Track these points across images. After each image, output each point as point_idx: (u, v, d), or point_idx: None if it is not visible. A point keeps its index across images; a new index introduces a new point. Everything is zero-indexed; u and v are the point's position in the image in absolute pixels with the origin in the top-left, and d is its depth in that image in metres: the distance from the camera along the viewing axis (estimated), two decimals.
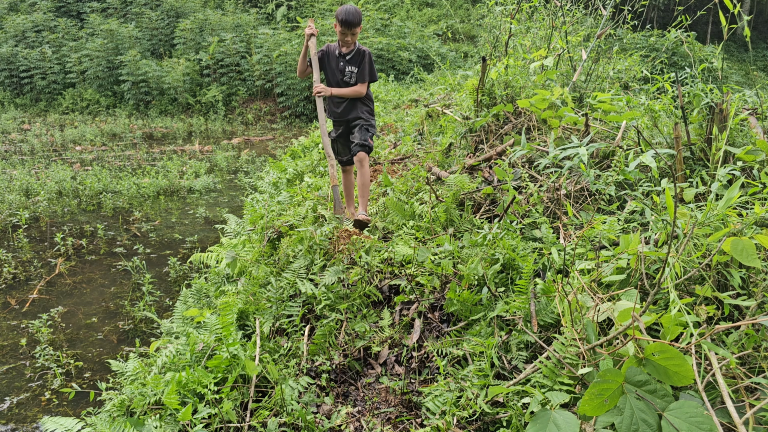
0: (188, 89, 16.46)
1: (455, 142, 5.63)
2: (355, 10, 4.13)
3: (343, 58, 4.33)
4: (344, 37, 4.21)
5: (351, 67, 4.32)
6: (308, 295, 3.54)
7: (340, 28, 4.17)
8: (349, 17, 4.11)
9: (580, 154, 3.06)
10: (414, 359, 3.05)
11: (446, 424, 2.39)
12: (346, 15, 4.10)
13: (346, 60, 4.33)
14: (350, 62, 4.32)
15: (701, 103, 3.86)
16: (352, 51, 4.32)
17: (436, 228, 4.13)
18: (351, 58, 4.31)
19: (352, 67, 4.33)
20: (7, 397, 3.79)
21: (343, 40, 4.24)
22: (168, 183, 8.85)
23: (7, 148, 11.97)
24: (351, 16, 4.11)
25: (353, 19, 4.13)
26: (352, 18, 4.12)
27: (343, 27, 4.14)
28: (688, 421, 1.67)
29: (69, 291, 5.34)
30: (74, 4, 20.05)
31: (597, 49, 5.93)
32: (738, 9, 3.74)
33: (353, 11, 4.12)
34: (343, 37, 4.22)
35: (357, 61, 4.34)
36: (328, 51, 4.38)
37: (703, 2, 12.58)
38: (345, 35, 4.20)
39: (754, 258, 2.06)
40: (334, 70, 4.37)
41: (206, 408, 2.56)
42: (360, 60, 4.32)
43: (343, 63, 4.34)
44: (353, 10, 4.12)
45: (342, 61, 4.33)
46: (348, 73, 4.34)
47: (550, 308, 2.76)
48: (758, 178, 3.09)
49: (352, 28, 4.15)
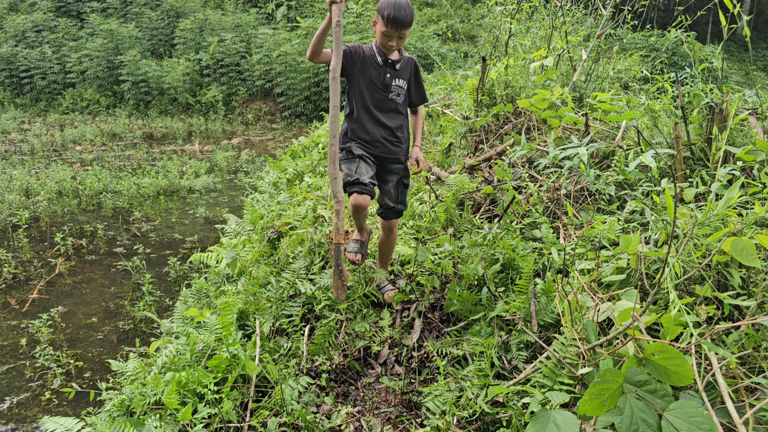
0: (188, 89, 16.46)
1: (455, 142, 5.63)
2: (407, 5, 2.90)
3: (391, 68, 3.08)
4: (388, 41, 2.96)
5: (400, 81, 3.11)
6: (308, 296, 3.55)
7: (386, 28, 2.90)
8: (400, 14, 2.86)
9: (580, 154, 3.06)
10: (414, 359, 3.05)
11: (446, 424, 2.39)
12: (396, 11, 2.85)
13: (395, 70, 3.09)
14: (399, 74, 3.11)
15: (701, 103, 3.86)
16: (401, 60, 3.12)
17: (436, 228, 4.13)
18: (401, 69, 3.11)
19: (401, 81, 3.12)
20: (7, 397, 3.79)
21: (386, 45, 2.98)
22: (168, 183, 8.85)
23: (7, 148, 11.97)
24: (403, 12, 2.86)
25: (405, 17, 2.88)
26: (404, 15, 2.87)
27: (389, 27, 2.88)
28: (688, 421, 1.67)
29: (69, 291, 5.34)
30: (74, 4, 20.05)
31: (597, 49, 5.93)
32: (738, 9, 3.74)
33: (405, 5, 2.88)
34: (387, 41, 2.96)
35: (407, 73, 3.14)
36: (363, 53, 3.08)
37: (703, 2, 12.58)
38: (390, 38, 2.95)
39: (754, 258, 2.06)
40: (374, 83, 3.07)
41: (206, 408, 2.56)
42: (412, 72, 3.16)
43: (390, 74, 3.08)
44: (405, 4, 2.88)
45: (389, 71, 3.08)
46: (395, 89, 3.11)
47: (550, 308, 2.76)
48: (758, 178, 3.09)
49: (402, 30, 2.91)
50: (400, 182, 3.27)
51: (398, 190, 3.27)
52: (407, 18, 2.88)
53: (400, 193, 3.28)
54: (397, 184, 3.26)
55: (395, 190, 3.26)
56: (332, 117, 2.88)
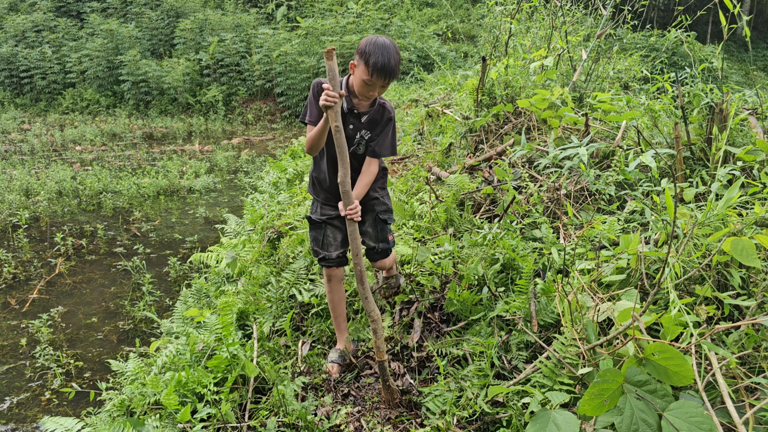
0: (188, 89, 16.46)
1: (455, 142, 5.63)
2: (395, 51, 2.46)
3: (355, 118, 2.69)
4: (368, 91, 2.53)
5: (364, 132, 2.73)
6: (305, 302, 3.55)
7: (370, 77, 2.44)
8: (390, 63, 2.42)
9: (580, 154, 3.06)
10: (414, 359, 3.05)
11: (446, 424, 2.39)
12: (385, 58, 2.41)
13: (360, 122, 2.70)
14: (365, 126, 2.71)
15: (701, 103, 3.86)
16: (370, 111, 2.70)
17: (436, 228, 4.13)
18: (367, 122, 2.71)
19: (366, 133, 2.73)
20: (7, 397, 3.79)
21: (365, 94, 2.56)
22: (168, 183, 8.85)
23: (7, 148, 11.97)
24: (392, 61, 2.43)
25: (394, 67, 2.45)
26: (393, 64, 2.44)
27: (375, 76, 2.44)
28: (688, 421, 1.67)
29: (69, 291, 5.34)
30: (74, 4, 20.05)
31: (597, 49, 5.93)
32: (738, 9, 3.74)
33: (393, 50, 2.44)
34: (367, 90, 2.53)
35: (375, 125, 2.72)
36: None
37: (703, 2, 12.58)
38: (372, 88, 2.51)
39: (754, 258, 2.06)
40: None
41: (206, 408, 2.56)
42: (381, 123, 2.71)
43: (353, 125, 2.70)
44: (394, 51, 2.44)
45: (352, 121, 2.69)
46: (359, 140, 2.74)
47: (550, 308, 2.76)
48: (758, 178, 3.09)
49: (387, 80, 2.48)
50: (377, 219, 2.92)
51: (377, 227, 2.93)
52: (395, 69, 2.46)
53: (380, 231, 2.92)
54: (375, 222, 2.93)
55: (373, 229, 2.94)
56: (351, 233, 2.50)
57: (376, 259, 2.96)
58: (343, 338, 3.10)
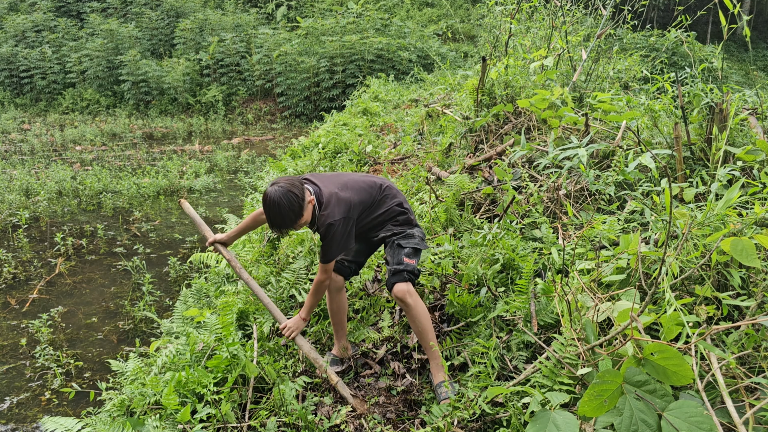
0: (188, 89, 16.46)
1: (455, 142, 5.63)
2: (278, 211, 2.56)
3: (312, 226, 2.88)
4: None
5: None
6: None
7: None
8: (275, 222, 2.60)
9: (579, 154, 3.06)
10: (414, 359, 3.05)
11: (447, 424, 2.39)
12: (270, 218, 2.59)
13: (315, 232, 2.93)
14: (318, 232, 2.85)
15: (701, 103, 3.86)
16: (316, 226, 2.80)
17: (436, 228, 4.13)
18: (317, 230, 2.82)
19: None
20: (7, 397, 3.79)
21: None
22: (168, 183, 8.85)
23: (7, 148, 11.97)
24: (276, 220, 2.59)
25: (280, 223, 2.59)
26: (279, 222, 2.59)
27: (273, 230, 2.67)
28: (687, 421, 1.67)
29: (69, 291, 5.34)
30: (74, 4, 20.05)
31: (597, 49, 5.93)
32: (738, 9, 3.74)
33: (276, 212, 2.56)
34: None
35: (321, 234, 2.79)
36: None
37: (703, 2, 12.57)
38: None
39: (754, 258, 2.06)
40: None
41: (206, 408, 2.56)
42: (323, 233, 2.76)
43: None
44: (276, 211, 2.56)
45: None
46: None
47: (550, 308, 2.76)
48: (758, 178, 3.09)
49: (284, 231, 2.67)
50: (392, 243, 2.90)
51: (393, 249, 2.87)
52: (282, 224, 2.57)
53: (395, 254, 2.84)
54: (392, 245, 2.90)
55: (391, 251, 2.88)
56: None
57: (392, 283, 2.79)
58: (339, 345, 3.16)
